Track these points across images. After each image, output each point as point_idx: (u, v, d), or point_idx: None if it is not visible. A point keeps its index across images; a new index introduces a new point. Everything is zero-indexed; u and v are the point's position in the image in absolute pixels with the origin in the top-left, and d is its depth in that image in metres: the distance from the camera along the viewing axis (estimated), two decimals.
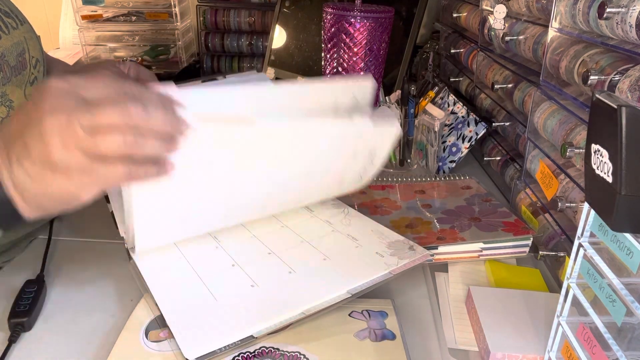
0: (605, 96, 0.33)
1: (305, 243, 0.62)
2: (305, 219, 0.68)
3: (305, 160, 0.59)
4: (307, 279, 0.55)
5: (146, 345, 0.49)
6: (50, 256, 0.64)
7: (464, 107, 0.88)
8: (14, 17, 0.65)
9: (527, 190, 0.72)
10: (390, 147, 0.65)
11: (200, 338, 0.47)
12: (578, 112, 0.58)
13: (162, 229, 0.57)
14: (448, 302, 0.57)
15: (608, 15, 0.47)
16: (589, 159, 0.36)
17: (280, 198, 0.64)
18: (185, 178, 0.50)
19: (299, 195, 0.66)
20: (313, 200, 0.69)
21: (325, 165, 0.62)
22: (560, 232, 0.61)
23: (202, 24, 1.37)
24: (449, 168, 0.87)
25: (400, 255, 0.58)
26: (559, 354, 0.43)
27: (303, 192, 0.66)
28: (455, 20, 1.09)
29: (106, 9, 1.29)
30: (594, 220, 0.37)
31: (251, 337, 0.48)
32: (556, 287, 0.60)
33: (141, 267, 0.57)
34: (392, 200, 0.75)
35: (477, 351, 0.51)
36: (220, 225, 0.63)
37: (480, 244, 0.62)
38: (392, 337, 0.50)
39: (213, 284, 0.54)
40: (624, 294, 0.34)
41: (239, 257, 0.59)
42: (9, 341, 0.50)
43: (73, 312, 0.55)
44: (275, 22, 1.25)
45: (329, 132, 0.57)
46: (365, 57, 0.80)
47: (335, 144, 0.59)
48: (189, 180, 0.51)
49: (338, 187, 0.68)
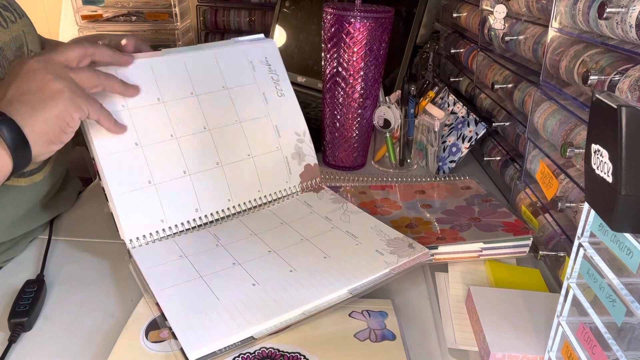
0: (605, 96, 0.33)
1: (305, 241, 0.62)
2: (305, 216, 0.68)
3: (217, 80, 0.70)
4: (308, 277, 0.55)
5: (146, 346, 0.49)
6: (50, 256, 0.64)
7: (464, 107, 0.88)
8: (13, 11, 0.65)
9: (527, 190, 0.72)
10: (279, 56, 0.76)
11: (202, 338, 0.47)
12: (578, 112, 0.58)
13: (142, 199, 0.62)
14: (448, 302, 0.57)
15: (608, 15, 0.47)
16: (589, 159, 0.36)
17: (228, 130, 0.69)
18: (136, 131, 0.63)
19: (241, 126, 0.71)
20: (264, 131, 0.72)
21: (234, 78, 0.71)
22: (560, 232, 0.61)
23: (202, 24, 1.37)
24: (449, 168, 0.87)
25: (400, 253, 0.58)
26: (559, 354, 0.43)
27: (239, 116, 0.71)
28: (455, 20, 1.09)
29: (106, 9, 1.29)
30: (594, 220, 0.37)
31: (251, 337, 0.48)
32: (556, 287, 0.60)
33: (142, 266, 0.57)
34: (392, 200, 0.75)
35: (477, 351, 0.51)
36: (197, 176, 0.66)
37: (480, 244, 0.62)
38: (392, 338, 0.50)
39: (214, 282, 0.54)
40: (624, 294, 0.34)
41: (240, 256, 0.59)
42: (9, 341, 0.50)
43: (73, 312, 0.55)
44: (275, 22, 1.25)
45: (223, 50, 0.71)
46: (365, 57, 0.80)
47: (228, 61, 0.71)
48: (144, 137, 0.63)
49: (263, 104, 0.73)
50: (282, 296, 0.52)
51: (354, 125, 0.86)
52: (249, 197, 0.69)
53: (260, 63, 0.73)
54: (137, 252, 0.59)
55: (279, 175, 0.72)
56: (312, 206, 0.70)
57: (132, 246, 0.60)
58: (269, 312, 0.50)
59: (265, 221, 0.66)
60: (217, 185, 0.67)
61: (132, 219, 0.61)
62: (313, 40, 1.19)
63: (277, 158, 0.72)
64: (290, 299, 0.52)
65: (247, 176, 0.69)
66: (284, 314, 0.50)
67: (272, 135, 0.72)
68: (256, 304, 0.51)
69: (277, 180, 0.72)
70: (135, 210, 0.61)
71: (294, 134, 0.74)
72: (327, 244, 0.61)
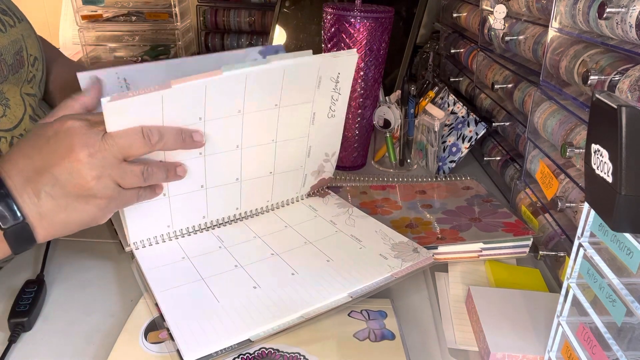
0: (605, 96, 0.33)
1: (309, 244, 0.62)
2: (309, 219, 0.67)
3: (272, 98, 0.60)
4: (310, 281, 0.55)
5: (145, 347, 0.49)
6: (50, 256, 0.64)
7: (464, 107, 0.88)
8: (12, 15, 0.65)
9: (527, 190, 0.72)
10: (353, 72, 0.66)
11: (199, 340, 0.47)
12: (578, 112, 0.58)
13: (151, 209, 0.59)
14: (448, 302, 0.57)
15: (608, 15, 0.47)
16: (589, 159, 0.36)
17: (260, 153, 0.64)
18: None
19: (280, 145, 0.65)
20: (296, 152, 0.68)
21: (292, 98, 0.62)
22: (560, 232, 0.61)
23: (202, 24, 1.37)
24: (449, 168, 0.87)
25: (404, 257, 0.58)
26: (559, 354, 0.43)
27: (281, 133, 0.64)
28: (455, 20, 1.09)
29: (106, 9, 1.29)
30: (594, 220, 0.37)
31: (248, 340, 0.48)
32: (556, 287, 0.60)
33: (144, 267, 0.57)
34: (393, 201, 0.75)
35: (477, 351, 0.51)
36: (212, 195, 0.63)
37: (480, 244, 0.62)
38: (392, 337, 0.50)
39: (215, 284, 0.54)
40: (624, 294, 0.34)
41: (242, 258, 0.59)
42: (9, 341, 0.50)
43: (73, 312, 0.55)
44: (275, 22, 1.25)
45: (288, 65, 0.58)
46: (365, 57, 0.80)
47: (298, 79, 0.60)
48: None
49: (308, 125, 0.66)
50: (282, 299, 0.52)
51: (354, 125, 0.86)
52: (256, 206, 0.68)
53: (329, 79, 0.63)
54: (140, 253, 0.59)
55: (292, 187, 0.71)
56: (317, 210, 0.69)
57: (136, 247, 0.60)
58: (267, 314, 0.50)
59: (270, 224, 0.66)
60: (230, 198, 0.65)
61: (139, 226, 0.60)
62: (313, 40, 1.19)
63: (297, 175, 0.70)
64: (290, 302, 0.52)
65: (262, 190, 0.68)
66: (282, 316, 0.50)
67: (301, 155, 0.69)
68: (256, 307, 0.51)
69: (288, 191, 0.71)
70: (143, 217, 0.59)
71: (322, 154, 0.71)
72: (330, 248, 0.61)
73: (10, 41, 0.63)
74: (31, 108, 0.66)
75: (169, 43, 1.31)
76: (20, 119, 0.64)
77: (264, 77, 0.57)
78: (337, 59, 0.62)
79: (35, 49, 0.69)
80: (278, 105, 0.60)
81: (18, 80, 0.65)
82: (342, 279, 0.55)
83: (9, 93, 0.63)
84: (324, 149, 0.71)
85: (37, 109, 0.68)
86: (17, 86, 0.65)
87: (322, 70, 0.62)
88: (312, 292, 0.53)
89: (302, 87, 0.62)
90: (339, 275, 0.56)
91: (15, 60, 0.63)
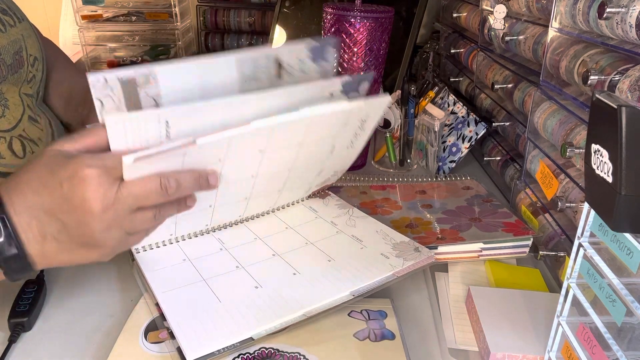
0: (605, 96, 0.33)
1: (309, 245, 0.62)
2: (310, 220, 0.67)
3: (297, 138, 0.58)
4: (311, 280, 0.55)
5: (145, 347, 0.49)
6: None
7: (464, 107, 0.88)
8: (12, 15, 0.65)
9: (527, 190, 0.72)
10: (382, 113, 0.64)
11: (201, 338, 0.47)
12: (578, 112, 0.58)
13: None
14: (448, 302, 0.57)
15: (608, 15, 0.47)
16: (589, 159, 0.36)
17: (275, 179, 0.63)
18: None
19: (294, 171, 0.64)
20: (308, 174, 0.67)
21: (316, 136, 0.59)
22: (560, 232, 0.61)
23: (202, 24, 1.37)
24: (449, 168, 0.87)
25: (406, 256, 0.58)
26: (559, 354, 0.43)
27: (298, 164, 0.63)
28: (455, 20, 1.09)
29: (106, 9, 1.29)
30: (594, 220, 0.37)
31: (250, 339, 0.48)
32: (556, 287, 0.60)
33: (145, 270, 0.57)
34: (393, 201, 0.75)
35: (477, 351, 0.51)
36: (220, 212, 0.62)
37: (480, 244, 0.62)
38: (392, 337, 0.50)
39: (217, 285, 0.54)
40: (624, 294, 0.34)
41: (243, 259, 0.59)
42: (9, 341, 0.50)
43: (73, 312, 0.55)
44: (275, 22, 1.25)
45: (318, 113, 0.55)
46: (365, 57, 0.80)
47: (326, 121, 0.58)
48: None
49: (327, 156, 0.65)
50: (284, 298, 0.52)
51: None
52: (258, 212, 0.69)
53: (357, 120, 0.61)
54: (140, 256, 0.59)
55: (296, 197, 0.72)
56: (318, 211, 0.70)
57: (137, 251, 0.60)
58: (269, 313, 0.50)
59: (270, 225, 0.66)
60: (235, 211, 0.65)
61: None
62: None
63: (304, 189, 0.71)
64: (292, 301, 0.52)
65: (267, 202, 0.68)
66: (284, 315, 0.50)
67: (312, 176, 0.68)
68: (257, 306, 0.51)
69: (292, 199, 0.71)
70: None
71: (332, 172, 0.71)
72: (331, 248, 0.61)
73: (10, 41, 0.63)
74: (30, 109, 0.66)
75: (169, 43, 1.31)
76: (19, 120, 0.64)
77: (292, 126, 0.55)
78: (369, 104, 0.60)
79: (36, 49, 0.69)
80: (301, 143, 0.59)
81: (17, 81, 0.65)
82: (344, 277, 0.55)
83: (8, 93, 0.63)
84: (335, 169, 0.71)
85: (36, 110, 0.68)
86: (16, 86, 0.64)
87: (352, 114, 0.59)
88: (313, 290, 0.53)
89: (329, 128, 0.60)
90: (340, 274, 0.56)
91: (14, 60, 0.63)
